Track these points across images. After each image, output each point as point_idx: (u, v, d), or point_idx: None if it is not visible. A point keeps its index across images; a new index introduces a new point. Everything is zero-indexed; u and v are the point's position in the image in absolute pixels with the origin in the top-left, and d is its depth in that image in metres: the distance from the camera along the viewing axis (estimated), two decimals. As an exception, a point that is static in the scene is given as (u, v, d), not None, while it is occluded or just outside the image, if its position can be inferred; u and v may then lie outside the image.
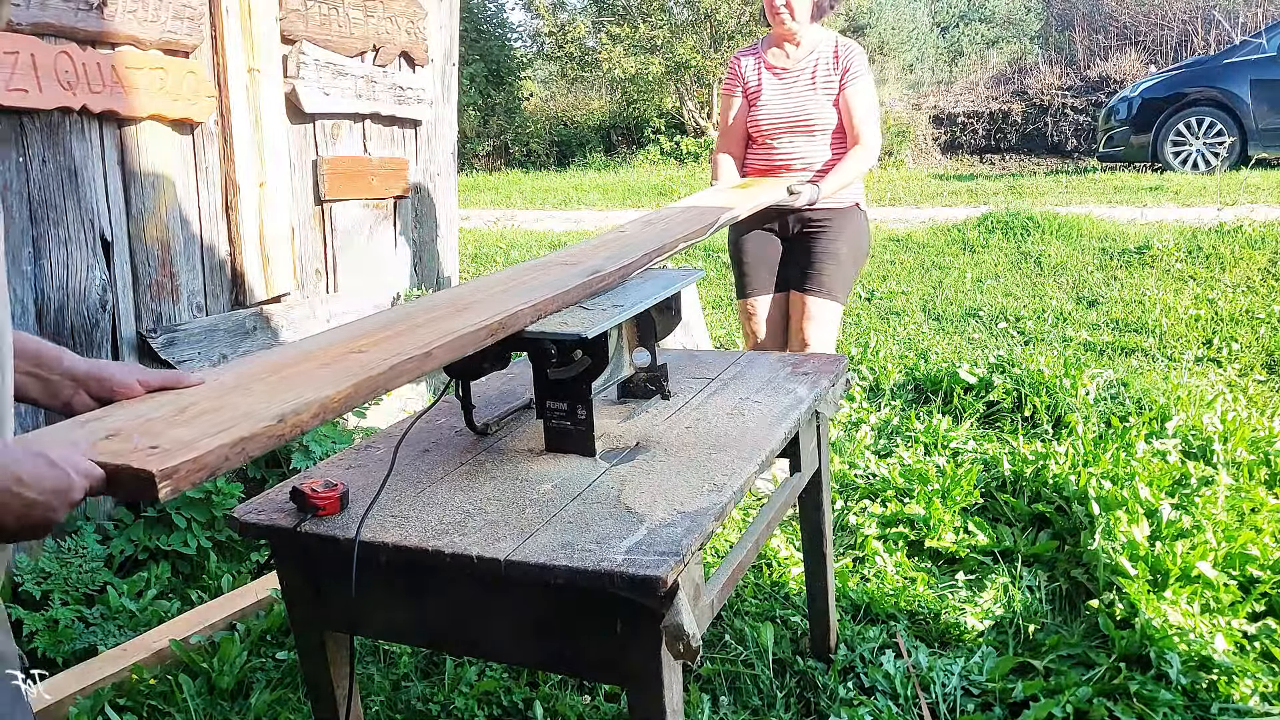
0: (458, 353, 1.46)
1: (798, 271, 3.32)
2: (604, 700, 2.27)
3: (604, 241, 2.33)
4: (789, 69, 3.29)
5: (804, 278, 3.30)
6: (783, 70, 3.30)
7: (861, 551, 2.91)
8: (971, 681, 2.27)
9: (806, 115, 3.25)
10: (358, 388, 1.24)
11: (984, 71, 16.96)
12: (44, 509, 0.91)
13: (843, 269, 3.28)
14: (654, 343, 1.96)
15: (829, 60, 3.25)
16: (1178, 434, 3.48)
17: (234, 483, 3.00)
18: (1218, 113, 10.00)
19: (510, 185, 13.96)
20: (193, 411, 1.15)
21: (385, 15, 4.05)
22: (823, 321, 3.28)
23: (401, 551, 1.42)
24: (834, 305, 3.29)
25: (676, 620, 1.31)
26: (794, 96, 3.27)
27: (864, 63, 3.27)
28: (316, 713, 1.71)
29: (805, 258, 3.30)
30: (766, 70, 3.33)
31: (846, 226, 3.28)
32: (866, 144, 3.21)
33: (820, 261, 3.27)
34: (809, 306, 3.28)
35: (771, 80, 3.31)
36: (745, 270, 3.41)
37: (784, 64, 3.31)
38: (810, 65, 3.26)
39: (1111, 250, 6.49)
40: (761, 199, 3.01)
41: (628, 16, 15.95)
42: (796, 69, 3.28)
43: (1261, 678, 2.14)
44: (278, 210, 3.53)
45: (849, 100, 3.21)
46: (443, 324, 1.53)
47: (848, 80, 3.21)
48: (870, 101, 3.24)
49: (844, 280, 3.30)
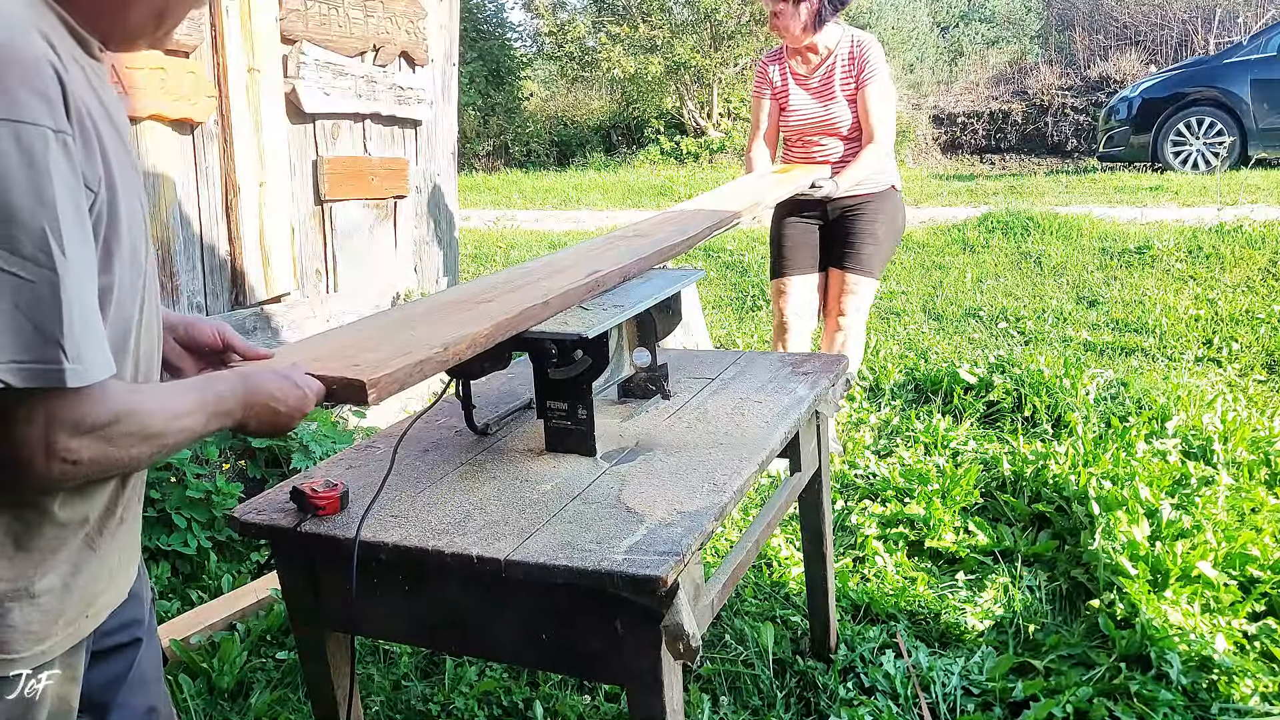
0: (566, 304, 1.72)
1: (837, 250, 3.57)
2: (604, 700, 2.27)
3: (666, 218, 2.60)
4: (811, 76, 3.54)
5: (843, 255, 3.55)
6: (806, 78, 3.55)
7: (861, 551, 2.91)
8: (971, 681, 2.26)
9: (832, 118, 3.52)
10: (497, 326, 1.52)
11: (984, 71, 16.95)
12: (287, 418, 1.17)
13: (881, 248, 3.55)
14: (654, 343, 1.96)
15: (846, 61, 3.47)
16: (1178, 434, 3.48)
17: (234, 483, 3.00)
18: (1218, 113, 9.99)
19: (510, 185, 13.95)
20: (369, 345, 1.41)
21: (385, 15, 4.05)
22: (860, 295, 3.55)
23: (401, 551, 1.42)
24: (871, 281, 3.56)
25: (676, 620, 1.31)
26: (818, 102, 3.53)
27: (879, 60, 3.47)
28: (316, 713, 1.71)
29: (845, 237, 3.54)
30: (791, 77, 3.57)
31: (885, 207, 3.54)
32: (880, 141, 3.44)
33: (860, 240, 3.52)
34: (848, 282, 3.54)
35: (797, 87, 3.57)
36: (785, 252, 3.63)
37: (805, 71, 3.55)
38: (829, 69, 3.49)
39: (1111, 250, 6.49)
40: (789, 187, 3.32)
41: (628, 16, 15.94)
42: (817, 75, 3.52)
43: (1261, 678, 2.14)
44: (278, 210, 3.53)
45: (865, 100, 3.44)
46: (545, 284, 1.77)
47: (863, 80, 3.44)
48: (884, 101, 3.46)
49: (881, 258, 3.56)
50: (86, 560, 1.08)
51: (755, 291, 6.40)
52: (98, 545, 1.09)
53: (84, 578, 1.07)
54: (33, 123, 0.88)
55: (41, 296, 0.88)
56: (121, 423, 0.96)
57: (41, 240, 0.88)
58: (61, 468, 0.93)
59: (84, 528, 1.07)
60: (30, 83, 0.89)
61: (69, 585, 1.06)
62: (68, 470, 0.94)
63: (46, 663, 1.04)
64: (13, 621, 1.00)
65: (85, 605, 1.08)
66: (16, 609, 1.00)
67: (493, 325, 1.50)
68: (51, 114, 0.90)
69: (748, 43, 15.25)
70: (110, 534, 1.11)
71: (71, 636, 1.07)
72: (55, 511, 1.02)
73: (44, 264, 0.88)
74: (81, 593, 1.08)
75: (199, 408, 1.06)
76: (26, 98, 0.88)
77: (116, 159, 1.01)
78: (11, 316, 0.86)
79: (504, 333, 1.53)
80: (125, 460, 0.99)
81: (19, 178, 0.86)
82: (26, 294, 0.87)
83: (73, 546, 1.05)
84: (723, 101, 16.07)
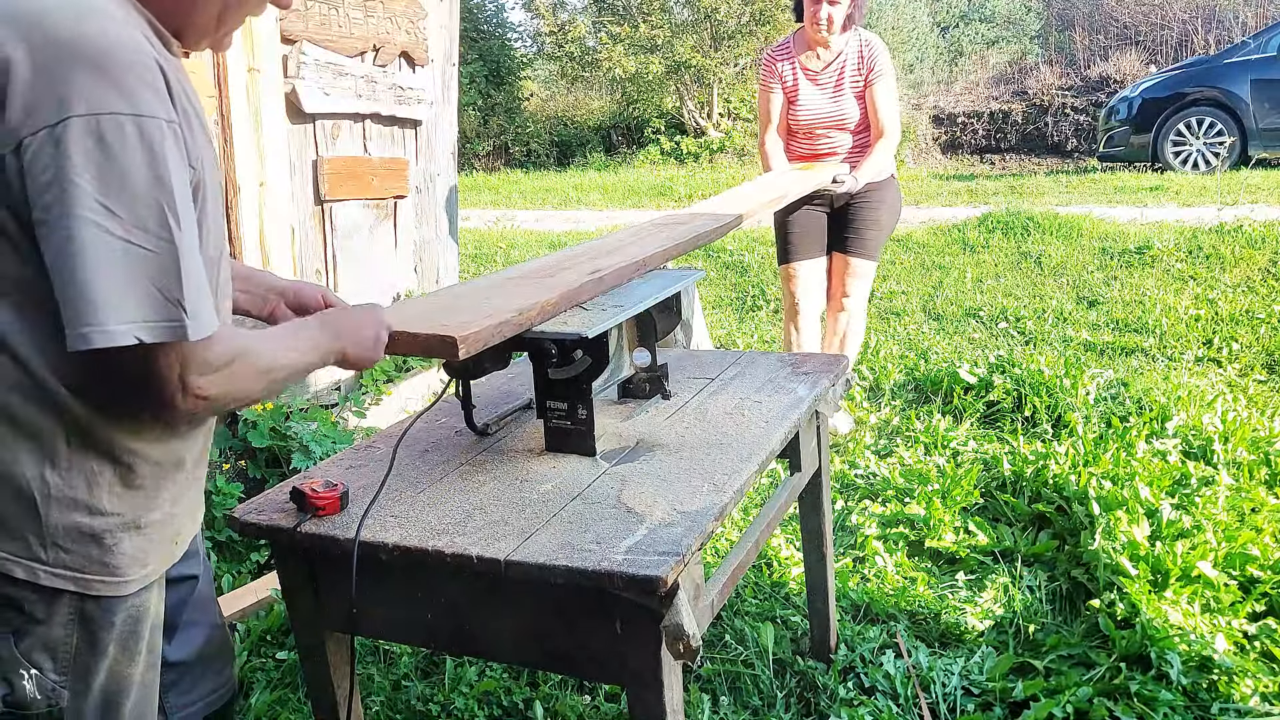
0: (620, 279, 1.87)
1: (842, 236, 3.81)
2: (604, 700, 2.27)
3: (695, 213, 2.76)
4: (822, 72, 3.73)
5: (847, 241, 3.80)
6: (816, 74, 3.75)
7: (861, 551, 2.91)
8: (972, 681, 2.26)
9: (841, 114, 3.73)
10: (562, 296, 1.67)
11: (984, 71, 16.95)
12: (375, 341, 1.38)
13: (882, 232, 3.81)
14: (654, 343, 1.96)
15: (855, 60, 3.69)
16: (1178, 434, 3.48)
17: (234, 483, 3.00)
18: (1218, 113, 9.98)
19: (510, 185, 13.95)
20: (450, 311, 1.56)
21: (385, 15, 4.05)
22: (862, 276, 3.83)
23: (401, 551, 1.42)
24: (872, 264, 3.84)
25: (676, 620, 1.31)
26: (829, 97, 3.74)
27: (887, 60, 3.70)
28: (316, 713, 1.71)
29: (851, 224, 3.78)
30: (802, 72, 3.76)
31: (887, 196, 3.79)
32: (890, 135, 3.71)
33: (864, 226, 3.76)
34: (852, 265, 3.80)
35: (807, 83, 3.76)
36: (792, 239, 3.84)
37: (817, 67, 3.74)
38: (839, 67, 3.71)
39: (1111, 250, 6.49)
40: (812, 183, 3.55)
41: (628, 16, 15.94)
42: (828, 72, 3.72)
43: (1262, 678, 2.14)
44: (278, 210, 3.53)
45: (874, 98, 3.68)
46: (599, 261, 1.93)
47: (872, 79, 3.67)
48: (893, 97, 3.71)
49: (880, 242, 3.84)
50: (180, 497, 1.28)
51: (755, 291, 6.40)
52: (189, 486, 1.30)
53: (178, 511, 1.28)
54: (150, 115, 1.03)
55: (165, 265, 1.04)
56: (239, 361, 1.14)
57: (162, 218, 1.04)
58: (196, 402, 1.11)
59: (180, 470, 1.27)
60: (145, 79, 1.04)
61: (168, 518, 1.26)
62: (200, 404, 1.12)
63: (147, 585, 1.25)
64: (125, 549, 1.20)
65: (176, 535, 1.29)
66: (127, 539, 1.20)
67: (559, 295, 1.66)
68: (164, 106, 1.05)
69: (748, 43, 15.24)
70: (197, 477, 1.33)
71: (165, 561, 1.29)
72: (160, 456, 1.21)
73: (165, 238, 1.04)
74: (175, 525, 1.28)
75: (303, 343, 1.28)
76: (145, 94, 1.03)
77: (202, 141, 1.17)
78: (142, 284, 1.03)
79: (568, 303, 1.69)
80: (246, 392, 1.18)
81: (144, 165, 1.02)
82: (153, 264, 1.04)
83: (171, 486, 1.25)
84: (723, 101, 16.06)
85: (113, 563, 1.19)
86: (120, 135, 1.00)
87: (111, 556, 1.18)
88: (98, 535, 1.17)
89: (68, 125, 0.99)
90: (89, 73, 1.00)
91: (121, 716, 1.25)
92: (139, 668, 1.27)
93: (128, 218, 1.01)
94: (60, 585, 1.15)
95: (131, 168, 1.01)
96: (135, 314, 1.02)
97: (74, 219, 0.99)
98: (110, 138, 1.00)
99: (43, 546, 1.13)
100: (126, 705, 1.26)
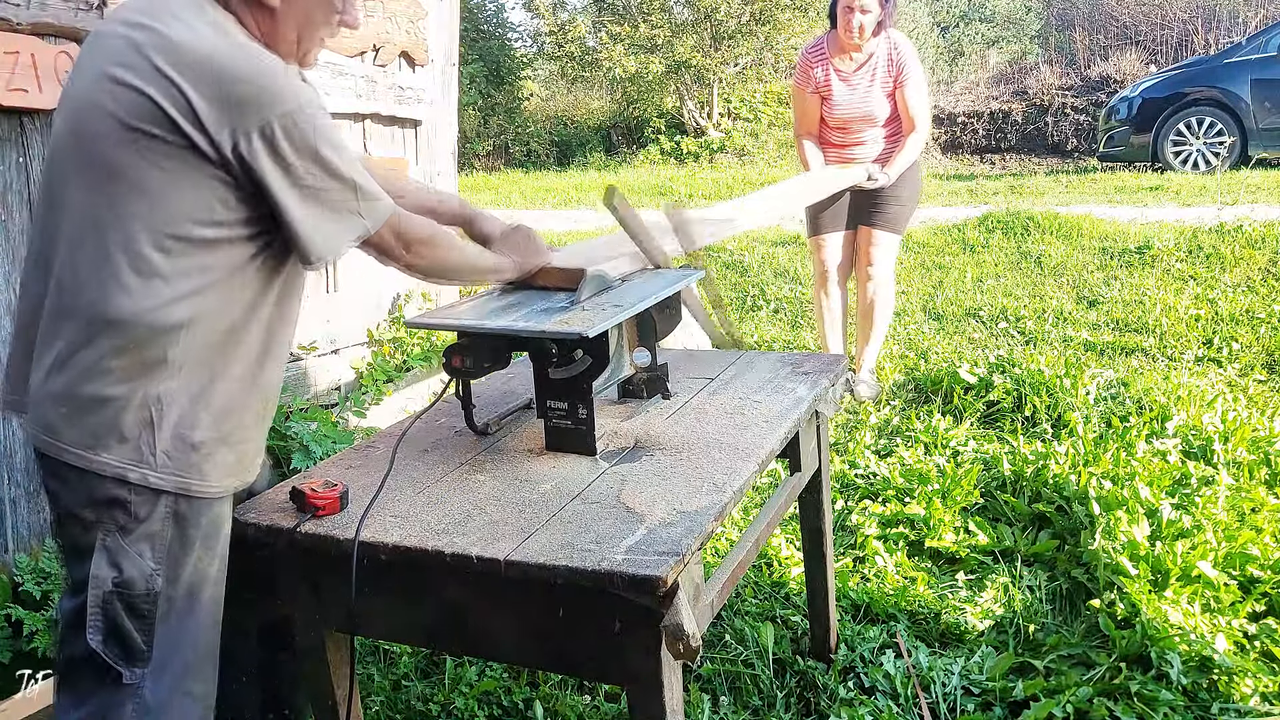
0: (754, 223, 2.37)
1: (866, 210, 4.12)
2: (604, 700, 2.27)
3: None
4: (854, 73, 4.03)
5: (872, 215, 4.11)
6: (849, 74, 4.04)
7: (861, 551, 2.91)
8: (971, 681, 2.26)
9: (871, 111, 4.03)
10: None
11: (984, 71, 16.94)
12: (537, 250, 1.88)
13: (905, 208, 4.13)
14: (654, 342, 1.95)
15: (885, 61, 3.99)
16: (1178, 434, 3.48)
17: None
18: (1218, 113, 9.97)
19: (510, 185, 13.94)
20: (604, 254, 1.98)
21: (385, 15, 4.05)
22: (887, 248, 4.15)
23: (401, 551, 1.42)
24: (896, 237, 4.17)
25: (676, 620, 1.31)
26: (860, 96, 4.03)
27: (915, 59, 4.01)
28: (316, 713, 1.71)
29: (875, 199, 4.08)
30: (835, 74, 4.05)
31: (909, 175, 4.11)
32: (921, 130, 4.06)
33: (888, 202, 4.07)
34: (875, 237, 4.13)
35: (840, 84, 4.05)
36: (820, 215, 4.17)
37: (849, 68, 4.03)
38: (871, 68, 4.00)
39: (1111, 250, 6.48)
40: (847, 180, 3.97)
41: (628, 16, 15.93)
42: (860, 73, 4.02)
43: (1262, 678, 2.14)
44: (278, 210, 3.52)
45: (905, 96, 4.00)
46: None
47: (902, 80, 3.98)
48: (922, 94, 4.05)
49: (905, 216, 4.17)
50: (261, 421, 1.52)
51: (755, 291, 6.39)
52: (266, 412, 1.54)
53: (258, 434, 1.53)
54: (321, 104, 1.41)
55: (359, 186, 1.45)
56: (437, 235, 1.59)
57: (352, 164, 1.44)
58: (414, 260, 1.57)
59: (267, 401, 1.52)
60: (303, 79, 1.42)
61: (251, 438, 1.51)
62: (418, 263, 1.58)
63: (225, 495, 1.48)
64: (218, 461, 1.44)
65: (253, 457, 1.53)
66: (219, 452, 1.44)
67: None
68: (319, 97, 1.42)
69: (748, 43, 15.23)
70: (268, 415, 1.55)
71: (242, 475, 1.51)
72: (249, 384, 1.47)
73: (354, 173, 1.44)
74: (255, 445, 1.53)
75: (481, 249, 1.82)
76: (310, 90, 1.40)
77: None
78: (351, 205, 1.44)
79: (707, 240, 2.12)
80: (448, 260, 1.63)
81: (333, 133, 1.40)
82: (350, 198, 1.44)
83: (256, 410, 1.50)
84: (723, 101, 16.04)
85: (207, 468, 1.42)
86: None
87: (208, 463, 1.42)
88: (197, 445, 1.41)
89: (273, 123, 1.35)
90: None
91: (201, 602, 1.47)
92: (215, 565, 1.49)
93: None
94: (164, 486, 1.39)
95: (334, 138, 1.43)
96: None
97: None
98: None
99: (153, 454, 1.38)
100: (205, 594, 1.48)
